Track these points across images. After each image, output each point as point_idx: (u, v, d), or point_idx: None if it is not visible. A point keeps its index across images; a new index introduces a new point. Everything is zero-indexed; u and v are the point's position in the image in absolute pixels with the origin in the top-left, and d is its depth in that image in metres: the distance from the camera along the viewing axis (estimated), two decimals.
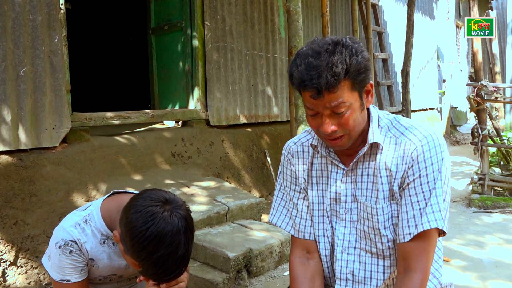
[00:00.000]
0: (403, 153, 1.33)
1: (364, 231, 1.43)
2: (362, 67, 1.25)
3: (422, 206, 1.29)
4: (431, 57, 10.36)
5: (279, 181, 1.62)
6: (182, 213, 1.31)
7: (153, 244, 1.24)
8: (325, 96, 1.23)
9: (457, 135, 10.83)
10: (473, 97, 4.32)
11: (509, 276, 2.69)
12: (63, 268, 1.42)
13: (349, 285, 1.51)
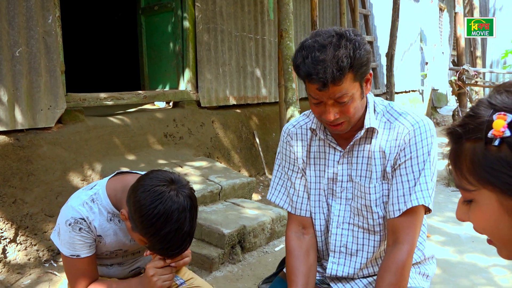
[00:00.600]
0: (396, 137, 1.45)
1: (358, 208, 1.56)
2: (365, 60, 1.34)
3: (412, 185, 1.42)
4: (415, 40, 10.52)
5: (278, 161, 1.73)
6: (187, 192, 1.41)
7: (161, 221, 1.34)
8: (330, 88, 1.32)
9: (438, 117, 11.11)
10: (455, 81, 4.48)
11: (484, 249, 2.89)
12: (73, 244, 1.51)
13: (342, 257, 1.64)
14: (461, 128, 0.73)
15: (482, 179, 0.71)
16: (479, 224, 0.75)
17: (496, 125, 0.67)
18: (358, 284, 1.65)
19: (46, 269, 2.61)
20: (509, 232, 0.71)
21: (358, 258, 1.61)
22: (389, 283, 1.40)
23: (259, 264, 2.71)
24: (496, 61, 6.72)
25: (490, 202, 0.71)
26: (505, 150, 0.66)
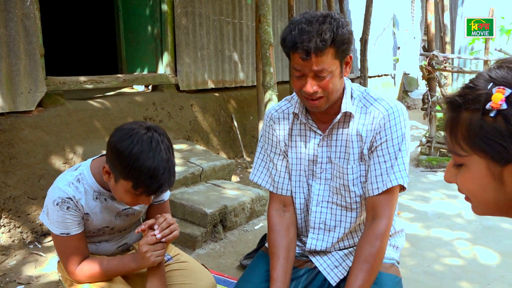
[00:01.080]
0: (372, 121, 1.58)
1: (336, 188, 1.69)
2: (346, 39, 1.46)
3: (389, 165, 1.56)
4: (388, 25, 10.72)
5: (260, 144, 1.84)
6: (160, 130, 1.50)
7: (138, 150, 1.40)
8: (312, 59, 1.43)
9: (409, 100, 11.43)
10: (425, 66, 4.67)
11: (449, 225, 3.11)
12: (62, 223, 1.57)
13: (320, 233, 1.78)
14: (461, 98, 0.79)
15: (476, 146, 0.78)
16: (465, 186, 0.84)
17: (495, 98, 0.74)
18: (335, 256, 1.79)
19: (31, 250, 2.66)
20: (492, 195, 0.80)
21: (336, 234, 1.76)
22: (369, 252, 1.54)
23: (240, 241, 2.84)
24: (464, 47, 6.99)
25: (479, 167, 0.79)
26: (500, 121, 0.73)
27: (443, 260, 2.56)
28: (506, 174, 0.75)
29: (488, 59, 4.53)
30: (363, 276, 1.52)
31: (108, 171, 1.50)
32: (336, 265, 1.77)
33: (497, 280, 2.32)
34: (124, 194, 1.50)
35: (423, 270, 2.43)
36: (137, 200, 1.52)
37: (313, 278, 1.80)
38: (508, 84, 0.74)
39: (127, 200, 1.52)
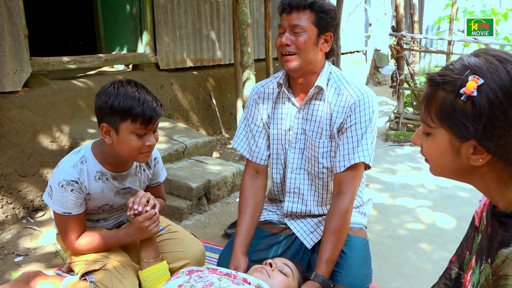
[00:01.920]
0: (344, 104, 1.80)
1: (308, 157, 1.93)
2: (326, 9, 1.74)
3: (355, 145, 1.79)
4: (360, 2, 10.91)
5: (244, 115, 2.06)
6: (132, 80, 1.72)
7: (123, 91, 1.60)
8: (292, 14, 1.72)
9: (379, 76, 11.76)
10: (394, 45, 4.92)
11: (412, 194, 3.42)
12: (65, 203, 1.71)
13: (295, 197, 2.02)
14: (440, 77, 0.92)
15: (444, 121, 0.93)
16: (429, 151, 1.00)
17: (469, 85, 0.87)
18: (310, 222, 2.05)
19: (24, 225, 2.80)
20: (449, 163, 0.97)
21: (309, 198, 2.00)
22: (335, 225, 1.79)
23: (223, 213, 3.06)
24: (431, 26, 7.28)
25: (443, 139, 0.95)
26: (468, 105, 0.88)
27: (406, 225, 2.86)
28: (463, 149, 0.93)
29: (452, 39, 4.81)
30: (332, 246, 1.77)
31: (107, 129, 1.65)
32: (311, 231, 2.02)
33: (452, 241, 2.63)
34: (130, 139, 1.64)
35: (388, 234, 2.72)
36: (143, 140, 1.65)
37: (292, 243, 2.05)
38: (482, 74, 0.87)
39: (135, 143, 1.65)
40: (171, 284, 1.52)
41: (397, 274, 2.27)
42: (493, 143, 0.88)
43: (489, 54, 0.92)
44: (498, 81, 0.86)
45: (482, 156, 0.91)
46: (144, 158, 1.73)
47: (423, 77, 6.00)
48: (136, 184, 1.91)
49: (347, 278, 1.81)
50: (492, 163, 0.92)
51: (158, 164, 2.00)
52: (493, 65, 0.88)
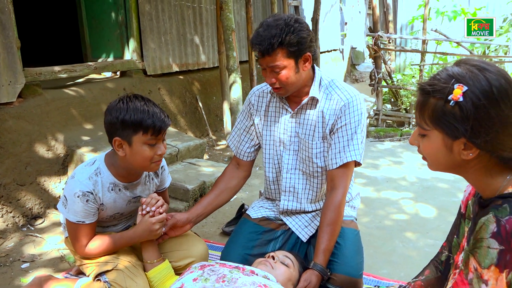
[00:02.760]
0: (335, 107, 1.97)
1: (302, 158, 2.09)
2: (295, 42, 1.82)
3: (346, 145, 1.96)
4: (335, 1, 11.16)
5: (240, 115, 2.26)
6: (136, 94, 1.86)
7: (132, 106, 1.73)
8: (265, 58, 1.84)
9: (356, 73, 12.04)
10: (371, 45, 5.14)
11: (395, 187, 3.63)
12: (79, 213, 1.82)
13: (291, 196, 2.19)
14: (430, 87, 1.08)
15: (437, 124, 1.09)
16: (426, 150, 1.16)
17: (455, 92, 1.02)
18: (304, 218, 2.21)
19: (25, 233, 2.87)
20: (443, 158, 1.13)
21: (304, 196, 2.17)
22: (330, 218, 1.96)
23: (219, 212, 3.18)
24: (405, 25, 7.57)
25: (437, 139, 1.11)
26: (456, 109, 1.04)
27: (391, 216, 3.06)
28: (455, 146, 1.10)
29: (426, 38, 5.06)
30: (328, 237, 1.94)
31: (120, 142, 1.78)
32: (306, 225, 2.19)
33: (435, 229, 2.84)
34: (142, 150, 1.76)
35: (375, 226, 2.91)
36: (154, 150, 1.78)
37: (288, 238, 2.21)
38: (465, 82, 1.04)
39: (147, 153, 1.77)
40: (186, 278, 1.65)
41: (386, 261, 2.46)
42: (480, 139, 1.05)
43: (469, 64, 1.09)
44: (479, 87, 1.03)
45: (471, 151, 1.08)
46: (155, 167, 1.86)
47: (399, 75, 6.26)
48: (145, 192, 2.04)
49: (342, 266, 1.98)
50: (480, 156, 1.09)
51: (164, 172, 2.14)
52: (473, 73, 1.05)
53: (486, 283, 1.02)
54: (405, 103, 5.47)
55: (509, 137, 1.05)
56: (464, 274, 1.08)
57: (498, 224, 1.01)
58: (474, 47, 5.27)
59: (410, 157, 4.45)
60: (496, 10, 6.20)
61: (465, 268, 1.09)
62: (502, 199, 1.07)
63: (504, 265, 1.00)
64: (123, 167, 1.88)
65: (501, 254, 1.00)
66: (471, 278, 1.06)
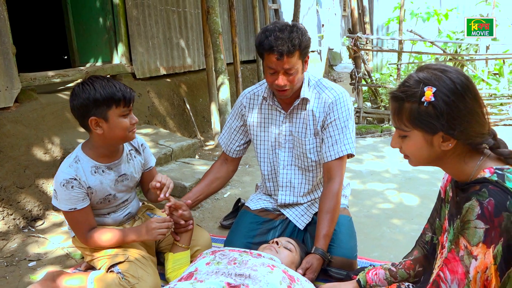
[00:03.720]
0: (324, 104, 2.14)
1: (297, 154, 2.26)
2: (308, 44, 2.00)
3: (339, 138, 2.13)
4: (312, 4, 11.43)
5: (230, 115, 2.41)
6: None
7: (100, 83, 1.84)
8: (284, 59, 1.94)
9: (334, 74, 12.35)
10: (351, 46, 5.37)
11: (380, 179, 3.84)
12: (69, 200, 1.94)
13: (288, 190, 2.35)
14: (403, 93, 1.24)
15: (416, 124, 1.24)
16: (409, 149, 1.31)
17: (427, 94, 1.18)
18: (300, 207, 2.38)
19: (27, 234, 2.94)
20: (426, 153, 1.28)
21: (300, 190, 2.34)
22: (329, 206, 2.12)
23: (215, 208, 3.32)
24: (381, 26, 7.86)
25: (418, 137, 1.26)
26: (430, 108, 1.19)
27: (378, 205, 3.26)
28: (434, 140, 1.26)
29: (402, 39, 5.32)
30: (328, 223, 2.11)
31: (96, 121, 1.90)
32: (302, 214, 2.36)
33: (418, 215, 3.05)
34: (119, 121, 1.90)
35: (364, 214, 3.10)
36: (129, 120, 1.92)
37: (286, 227, 2.38)
38: (433, 84, 1.21)
39: (124, 124, 1.92)
40: (200, 263, 1.79)
41: (376, 245, 2.64)
42: (455, 130, 1.23)
43: (431, 68, 1.26)
44: (445, 86, 1.21)
45: (450, 142, 1.26)
46: (132, 135, 2.01)
47: (378, 74, 6.52)
48: (130, 169, 2.16)
49: (339, 249, 2.16)
50: (456, 146, 1.27)
51: (146, 149, 2.27)
52: (437, 75, 1.23)
53: (476, 258, 1.19)
54: (384, 101, 5.72)
55: (477, 124, 1.23)
56: (455, 252, 1.24)
57: (481, 207, 1.18)
58: (447, 46, 5.57)
59: (391, 151, 4.68)
60: (466, 11, 6.54)
61: (456, 247, 1.25)
62: (479, 184, 1.24)
63: (491, 241, 1.16)
64: (102, 146, 2.00)
65: (487, 232, 1.16)
66: (462, 255, 1.22)
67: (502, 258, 1.15)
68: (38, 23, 7.67)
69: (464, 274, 1.20)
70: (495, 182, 1.19)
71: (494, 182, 1.20)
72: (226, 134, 2.41)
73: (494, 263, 1.16)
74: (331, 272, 2.13)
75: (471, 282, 1.19)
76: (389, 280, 1.73)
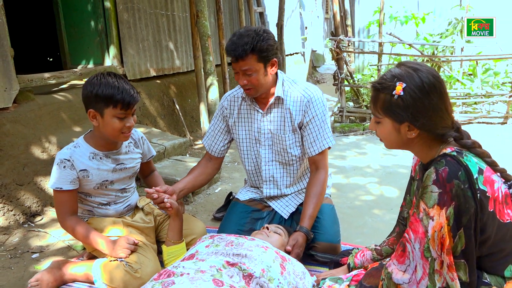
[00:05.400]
0: (299, 103, 2.34)
1: (277, 150, 2.46)
2: (265, 49, 2.16)
3: (318, 133, 2.34)
4: (295, 7, 11.68)
5: (214, 117, 2.59)
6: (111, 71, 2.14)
7: (104, 81, 1.99)
8: (239, 62, 2.17)
9: (317, 75, 12.61)
10: (334, 48, 5.60)
11: (362, 174, 4.07)
12: (58, 179, 2.10)
13: (271, 184, 2.55)
14: (380, 85, 1.44)
15: (387, 113, 1.44)
16: (381, 133, 1.52)
17: (397, 89, 1.38)
18: (285, 199, 2.58)
19: (28, 229, 3.07)
20: (395, 139, 1.49)
21: (283, 183, 2.54)
22: (315, 191, 2.33)
23: (207, 202, 3.50)
24: (362, 29, 8.14)
25: (388, 124, 1.47)
26: (399, 101, 1.39)
27: (360, 197, 3.48)
28: (401, 128, 1.47)
29: (382, 41, 5.58)
30: (313, 206, 2.32)
31: (94, 114, 2.06)
32: (287, 205, 2.56)
33: (397, 205, 3.21)
34: (112, 122, 2.02)
35: (347, 206, 3.32)
36: (124, 122, 2.04)
37: (273, 217, 2.57)
38: (404, 80, 1.41)
39: (117, 125, 2.04)
40: (199, 246, 1.97)
41: (359, 233, 2.86)
42: (419, 122, 1.44)
43: (406, 65, 1.47)
44: (414, 84, 1.42)
45: (414, 131, 1.48)
46: (124, 138, 2.14)
47: (359, 75, 6.77)
48: (128, 160, 2.32)
49: (323, 235, 2.36)
50: (420, 135, 1.49)
51: (146, 142, 2.45)
52: (409, 73, 1.44)
53: (432, 218, 1.39)
54: (366, 101, 5.97)
55: (440, 119, 1.45)
56: (416, 215, 1.45)
57: (436, 174, 1.38)
58: (424, 48, 5.85)
59: (373, 148, 4.92)
60: (442, 14, 6.85)
61: (417, 210, 1.45)
62: (440, 156, 1.45)
63: (443, 204, 1.36)
64: (99, 136, 2.17)
65: (440, 195, 1.37)
66: (421, 216, 1.43)
67: (454, 220, 1.35)
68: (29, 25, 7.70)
69: (424, 233, 1.41)
70: (453, 155, 1.40)
71: (452, 156, 1.40)
72: (210, 136, 2.58)
73: (448, 224, 1.36)
74: (317, 256, 2.34)
75: (430, 240, 1.39)
76: (376, 258, 1.93)
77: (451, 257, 1.37)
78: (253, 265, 1.77)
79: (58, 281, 2.22)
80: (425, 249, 1.41)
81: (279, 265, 1.84)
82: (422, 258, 1.42)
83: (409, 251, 1.45)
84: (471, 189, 1.35)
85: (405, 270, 1.46)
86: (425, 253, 1.41)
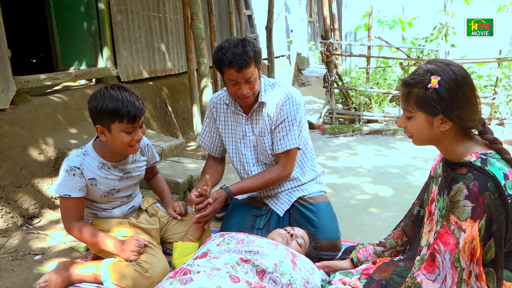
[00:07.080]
0: (276, 105, 2.41)
1: (261, 152, 2.53)
2: (259, 54, 2.27)
3: (285, 134, 2.40)
4: (281, 10, 11.79)
5: (206, 119, 2.66)
6: (117, 84, 2.13)
7: (109, 95, 1.96)
8: (243, 71, 2.21)
9: (303, 77, 12.75)
10: (324, 51, 5.70)
11: (355, 174, 4.16)
12: (66, 186, 2.09)
13: None
14: (412, 80, 1.48)
15: (421, 107, 1.47)
16: (413, 128, 1.54)
17: (433, 82, 1.42)
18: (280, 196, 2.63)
19: (26, 231, 3.05)
20: (427, 133, 1.51)
21: None
22: (267, 176, 2.41)
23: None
24: (350, 33, 8.29)
25: (421, 118, 1.50)
26: (434, 94, 1.43)
27: (356, 196, 3.57)
28: (435, 121, 1.50)
29: (370, 45, 5.71)
30: (252, 181, 2.41)
31: (101, 129, 2.05)
32: (282, 202, 2.62)
33: (392, 204, 3.37)
34: (120, 137, 2.01)
35: (344, 205, 3.40)
36: (132, 136, 2.03)
37: (271, 215, 2.63)
38: (438, 74, 1.45)
39: (125, 139, 2.03)
40: (211, 244, 2.01)
41: (358, 231, 2.94)
42: (453, 114, 1.48)
43: (438, 62, 1.52)
44: (448, 77, 1.48)
45: (447, 123, 1.52)
46: (133, 151, 2.14)
47: (348, 77, 6.89)
48: (135, 169, 2.35)
49: (323, 233, 2.43)
50: (451, 128, 1.52)
51: (151, 148, 2.47)
52: (443, 67, 1.50)
53: (464, 231, 1.44)
54: (355, 103, 6.09)
55: (471, 110, 1.50)
56: (447, 227, 1.50)
57: (468, 189, 1.44)
58: (411, 51, 6.00)
59: (363, 149, 5.03)
60: (427, 19, 7.03)
61: (447, 223, 1.50)
62: (466, 167, 1.49)
63: (476, 217, 1.42)
64: (108, 149, 2.17)
65: (473, 209, 1.43)
66: (453, 229, 1.48)
67: (485, 230, 1.41)
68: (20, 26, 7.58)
69: (455, 245, 1.46)
70: (479, 167, 1.45)
71: (478, 168, 1.46)
72: (207, 137, 2.65)
73: (479, 235, 1.42)
74: (321, 255, 2.39)
75: (461, 251, 1.45)
76: (378, 251, 2.00)
77: (480, 267, 1.43)
78: (266, 261, 1.82)
79: (65, 281, 2.22)
80: (455, 259, 1.46)
81: (290, 260, 1.90)
82: (452, 268, 1.47)
83: (439, 261, 1.50)
84: (501, 198, 1.41)
85: (434, 279, 1.51)
86: (455, 263, 1.46)
